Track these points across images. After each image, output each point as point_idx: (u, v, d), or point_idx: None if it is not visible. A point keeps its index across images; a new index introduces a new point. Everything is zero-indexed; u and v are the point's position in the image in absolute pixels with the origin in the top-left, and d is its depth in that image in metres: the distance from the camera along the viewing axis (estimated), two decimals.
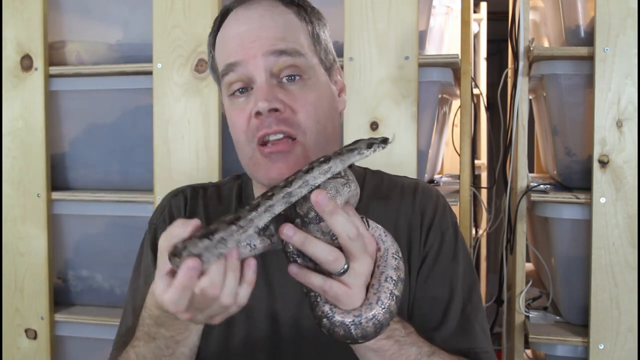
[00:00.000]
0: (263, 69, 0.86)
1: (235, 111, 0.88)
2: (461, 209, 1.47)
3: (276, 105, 0.84)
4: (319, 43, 0.93)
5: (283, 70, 0.86)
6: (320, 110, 0.88)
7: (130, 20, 1.62)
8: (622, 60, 1.37)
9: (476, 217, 2.41)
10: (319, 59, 0.92)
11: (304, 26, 0.91)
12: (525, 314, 1.53)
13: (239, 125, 0.88)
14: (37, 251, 1.59)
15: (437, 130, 1.69)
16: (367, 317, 0.69)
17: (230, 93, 0.89)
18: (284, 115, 0.85)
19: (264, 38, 0.86)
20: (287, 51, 0.86)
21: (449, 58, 1.46)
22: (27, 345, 1.60)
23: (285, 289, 0.92)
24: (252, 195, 0.99)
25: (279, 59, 0.86)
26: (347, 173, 0.74)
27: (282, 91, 0.86)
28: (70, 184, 1.67)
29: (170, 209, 1.00)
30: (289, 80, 0.87)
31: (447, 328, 0.87)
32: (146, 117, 1.55)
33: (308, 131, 0.86)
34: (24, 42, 1.58)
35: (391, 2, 1.39)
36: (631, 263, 1.37)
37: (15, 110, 1.59)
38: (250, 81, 0.87)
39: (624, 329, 1.38)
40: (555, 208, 1.47)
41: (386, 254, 0.71)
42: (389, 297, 0.69)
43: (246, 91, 0.88)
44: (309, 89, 0.88)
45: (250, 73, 0.86)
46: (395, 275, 0.70)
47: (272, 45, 0.86)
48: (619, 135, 1.38)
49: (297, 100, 0.86)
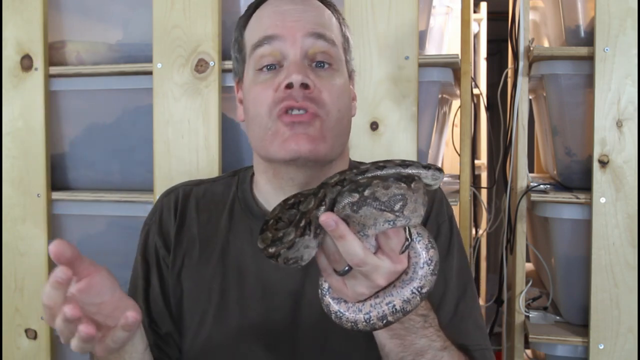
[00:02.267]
0: (300, 47, 0.87)
1: (259, 86, 0.89)
2: (461, 209, 1.47)
3: (308, 81, 0.86)
4: (348, 45, 0.96)
5: (317, 55, 0.89)
6: (342, 101, 0.90)
7: (130, 20, 1.62)
8: (622, 60, 1.37)
9: (476, 217, 2.41)
10: (345, 59, 0.95)
11: (339, 25, 0.95)
12: (525, 314, 1.53)
13: (262, 99, 0.88)
14: (37, 251, 1.59)
15: (437, 130, 1.69)
16: (350, 317, 0.71)
17: (259, 67, 0.90)
18: (313, 94, 0.86)
19: (305, 20, 0.89)
20: (326, 37, 0.89)
21: (449, 58, 1.46)
22: (27, 345, 1.60)
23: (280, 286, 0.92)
24: (248, 191, 0.98)
25: (317, 42, 0.88)
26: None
27: (313, 73, 0.88)
28: (70, 184, 1.67)
29: (162, 208, 1.00)
30: (318, 66, 0.89)
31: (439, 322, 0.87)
32: (146, 117, 1.55)
33: (331, 112, 0.88)
34: (24, 42, 1.58)
35: (391, 2, 1.39)
36: (631, 263, 1.37)
37: (15, 110, 1.59)
38: (283, 58, 0.88)
39: (624, 329, 1.38)
40: (555, 208, 1.47)
41: (415, 268, 0.70)
42: (379, 314, 0.69)
43: (274, 68, 0.89)
44: (336, 79, 0.90)
45: (286, 49, 0.88)
46: (408, 293, 0.69)
47: (313, 28, 0.89)
48: (619, 135, 1.38)
49: (326, 85, 0.88)
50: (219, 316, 0.93)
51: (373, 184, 0.65)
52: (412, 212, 0.65)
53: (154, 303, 0.95)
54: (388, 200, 0.64)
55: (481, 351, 0.90)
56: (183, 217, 0.98)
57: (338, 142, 0.90)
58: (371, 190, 0.64)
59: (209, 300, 0.93)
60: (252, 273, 0.93)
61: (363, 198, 0.64)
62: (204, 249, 0.96)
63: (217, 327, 0.92)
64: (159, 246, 0.97)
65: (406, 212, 0.65)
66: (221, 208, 0.98)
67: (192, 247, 0.97)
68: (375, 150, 1.40)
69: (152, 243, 0.98)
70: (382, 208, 0.64)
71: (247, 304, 0.92)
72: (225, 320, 0.92)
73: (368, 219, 0.65)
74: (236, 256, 0.94)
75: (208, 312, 0.93)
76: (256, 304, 0.92)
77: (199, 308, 0.94)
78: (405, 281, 0.69)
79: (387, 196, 0.64)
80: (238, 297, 0.93)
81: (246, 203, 0.97)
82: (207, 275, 0.94)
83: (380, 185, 0.64)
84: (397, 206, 0.64)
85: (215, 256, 0.95)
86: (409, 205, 0.65)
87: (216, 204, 0.99)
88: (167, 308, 0.95)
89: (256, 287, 0.92)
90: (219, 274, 0.94)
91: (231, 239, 0.95)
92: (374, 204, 0.64)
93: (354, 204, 0.64)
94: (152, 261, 0.97)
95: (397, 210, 0.64)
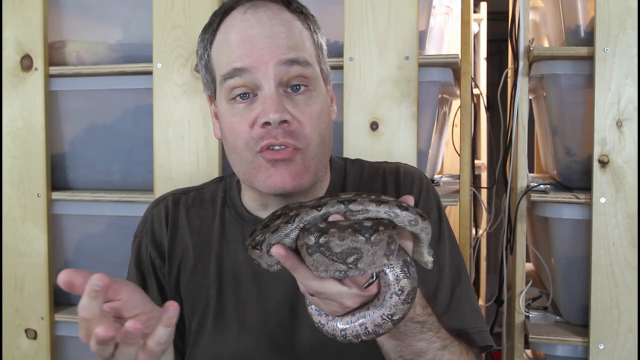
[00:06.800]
0: (273, 78, 0.84)
1: (235, 117, 0.86)
2: (461, 209, 1.47)
3: (286, 116, 0.83)
4: (322, 52, 0.92)
5: (292, 80, 0.85)
6: (323, 122, 0.88)
7: (130, 20, 1.62)
8: (622, 60, 1.37)
9: (476, 217, 2.41)
10: (320, 69, 0.91)
11: (309, 35, 0.90)
12: (525, 314, 1.53)
13: (239, 132, 0.86)
14: (37, 251, 1.59)
15: (437, 130, 1.69)
16: (328, 330, 0.72)
17: (231, 97, 0.86)
18: (292, 127, 0.84)
19: (276, 46, 0.84)
20: (299, 61, 0.85)
21: (449, 58, 1.46)
22: (27, 345, 1.60)
23: (275, 289, 0.92)
24: (237, 197, 0.98)
25: (290, 68, 0.84)
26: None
27: (289, 102, 0.85)
28: (70, 184, 1.67)
29: (152, 219, 0.99)
30: (294, 90, 0.86)
31: (437, 310, 0.87)
32: (146, 117, 1.55)
33: (312, 143, 0.86)
34: (24, 42, 1.58)
35: (391, 2, 1.39)
36: (631, 263, 1.37)
37: (15, 110, 1.59)
38: (256, 88, 0.85)
39: (624, 329, 1.38)
40: (555, 208, 1.47)
41: (385, 297, 0.69)
42: (353, 332, 0.70)
43: (247, 97, 0.86)
44: (313, 101, 0.87)
45: (258, 80, 0.84)
46: (379, 319, 0.69)
47: (284, 54, 0.84)
48: (619, 135, 1.38)
49: (304, 112, 0.85)
50: (217, 323, 0.93)
51: (330, 232, 0.62)
52: (368, 264, 0.63)
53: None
54: (341, 252, 0.62)
55: (479, 333, 0.91)
56: (175, 226, 0.98)
57: (322, 164, 0.89)
58: (326, 238, 0.62)
59: (207, 306, 0.93)
60: (248, 278, 0.93)
61: (317, 245, 0.62)
62: (199, 257, 0.96)
63: (215, 333, 0.93)
64: (153, 257, 0.97)
65: (360, 264, 0.63)
66: (211, 215, 0.98)
67: (187, 255, 0.96)
68: (375, 150, 1.40)
69: (146, 254, 0.98)
70: (333, 259, 0.62)
71: (244, 309, 0.92)
72: (224, 327, 0.92)
73: (320, 265, 0.63)
74: (231, 262, 0.94)
75: (207, 318, 0.93)
76: (253, 308, 0.92)
77: (197, 315, 0.94)
78: (377, 306, 0.69)
79: (341, 247, 0.62)
80: (235, 303, 0.92)
81: (236, 210, 0.97)
82: (204, 282, 0.94)
83: (336, 236, 0.62)
84: (350, 259, 0.62)
85: (210, 263, 0.95)
86: (365, 258, 0.62)
87: (206, 211, 0.99)
88: None
89: (252, 291, 0.92)
90: (215, 280, 0.94)
91: (224, 245, 0.95)
92: (326, 252, 0.62)
93: (309, 247, 0.63)
94: (149, 272, 0.97)
95: (350, 262, 0.62)
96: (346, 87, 1.42)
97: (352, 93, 1.41)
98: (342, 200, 0.67)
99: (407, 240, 0.70)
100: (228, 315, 0.92)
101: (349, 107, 1.42)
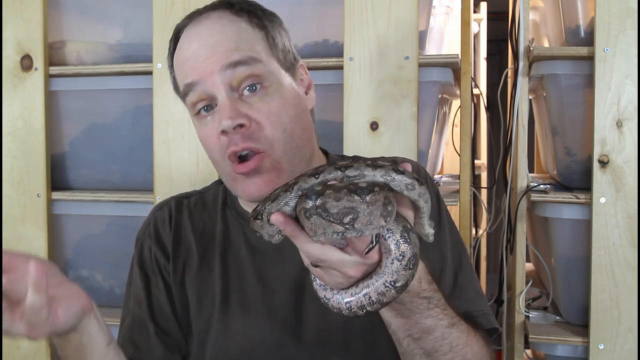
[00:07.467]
0: (222, 84, 0.85)
1: (204, 131, 0.89)
2: (461, 209, 1.48)
3: (240, 121, 0.84)
4: (275, 46, 0.91)
5: (243, 82, 0.86)
6: (286, 116, 0.87)
7: (130, 20, 1.62)
8: (622, 60, 1.37)
9: (476, 217, 2.41)
10: (277, 61, 0.90)
11: (257, 32, 0.90)
12: (525, 314, 1.53)
13: (211, 145, 0.88)
14: (37, 251, 1.59)
15: (437, 130, 1.69)
16: (334, 304, 0.72)
17: (196, 112, 0.89)
18: (250, 130, 0.85)
19: (217, 52, 0.85)
20: (243, 61, 0.85)
21: (449, 58, 1.46)
22: (27, 345, 1.60)
23: (280, 285, 0.92)
24: (236, 198, 0.99)
25: (235, 70, 0.85)
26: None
27: (244, 105, 0.85)
28: (70, 184, 1.67)
29: (155, 222, 1.00)
30: (250, 91, 0.86)
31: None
32: (146, 117, 1.55)
33: (275, 142, 0.86)
34: (24, 42, 1.58)
35: (391, 2, 1.39)
36: (631, 263, 1.37)
37: (15, 110, 1.59)
38: (213, 98, 0.86)
39: (624, 329, 1.38)
40: (555, 208, 1.47)
41: (386, 263, 0.69)
42: (358, 303, 0.70)
43: (211, 109, 0.87)
44: (270, 98, 0.87)
45: (210, 90, 0.86)
46: (382, 287, 0.69)
47: (226, 59, 0.85)
48: (619, 135, 1.38)
49: (261, 112, 0.86)
50: (223, 320, 0.93)
51: (326, 193, 0.63)
52: (365, 224, 0.63)
53: (159, 312, 0.96)
54: (337, 212, 0.62)
55: (485, 316, 0.91)
56: (178, 227, 0.99)
57: (297, 158, 0.89)
58: (322, 200, 0.63)
59: (212, 305, 0.94)
60: (252, 274, 0.94)
61: (314, 207, 0.63)
62: (203, 256, 0.96)
63: (222, 331, 0.93)
64: (158, 256, 0.97)
65: (357, 225, 0.63)
66: (214, 216, 0.99)
67: (191, 255, 0.97)
68: (375, 150, 1.40)
69: (149, 254, 0.98)
70: (330, 220, 0.63)
71: (249, 305, 0.93)
72: (230, 324, 0.93)
73: (318, 228, 0.63)
74: (235, 260, 0.95)
75: (213, 317, 0.94)
76: (258, 304, 0.92)
77: (204, 314, 0.95)
78: (380, 274, 0.69)
79: (337, 208, 0.62)
80: (240, 300, 0.93)
81: (236, 210, 0.99)
82: (209, 281, 0.95)
83: (332, 197, 0.62)
84: (346, 219, 0.62)
85: (214, 262, 0.96)
86: (361, 218, 0.63)
87: (209, 212, 1.00)
88: (174, 315, 0.96)
89: (257, 287, 0.93)
90: (220, 279, 0.95)
91: (227, 244, 0.96)
92: (323, 214, 0.62)
93: (307, 211, 0.64)
94: (154, 271, 0.97)
95: (346, 222, 0.62)
96: (346, 87, 1.42)
97: (352, 93, 1.41)
98: (339, 167, 0.68)
99: (407, 208, 0.70)
100: (234, 313, 0.93)
101: (349, 107, 1.42)
